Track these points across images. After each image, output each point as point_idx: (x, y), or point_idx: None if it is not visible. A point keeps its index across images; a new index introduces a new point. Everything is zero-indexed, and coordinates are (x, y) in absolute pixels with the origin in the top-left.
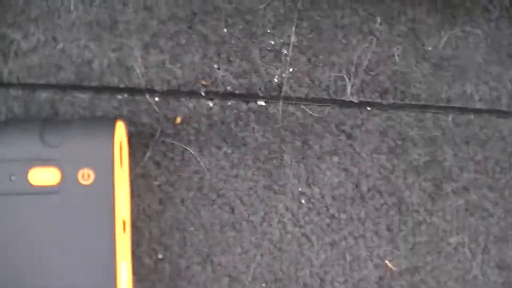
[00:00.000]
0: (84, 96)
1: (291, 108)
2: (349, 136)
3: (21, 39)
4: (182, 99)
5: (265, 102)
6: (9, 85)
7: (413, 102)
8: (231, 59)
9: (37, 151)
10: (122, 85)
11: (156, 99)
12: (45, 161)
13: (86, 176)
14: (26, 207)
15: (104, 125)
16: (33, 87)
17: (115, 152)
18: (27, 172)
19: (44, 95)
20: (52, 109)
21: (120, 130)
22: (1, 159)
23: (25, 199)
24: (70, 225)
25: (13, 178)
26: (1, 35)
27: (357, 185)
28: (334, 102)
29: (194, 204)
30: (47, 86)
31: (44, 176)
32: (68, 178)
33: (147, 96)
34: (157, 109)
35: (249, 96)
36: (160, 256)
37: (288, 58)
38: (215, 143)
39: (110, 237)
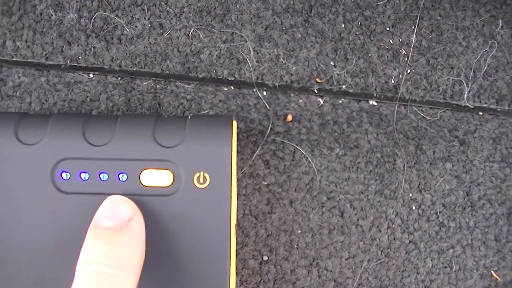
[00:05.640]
0: (188, 87)
1: (403, 110)
2: (462, 142)
3: (125, 25)
4: (292, 95)
5: (376, 102)
6: (110, 71)
7: None
8: (348, 56)
9: (151, 151)
10: (231, 78)
11: (264, 93)
12: (158, 163)
13: (202, 180)
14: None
15: (221, 127)
16: (134, 74)
17: (233, 156)
18: (139, 173)
19: (145, 84)
20: (155, 99)
21: (235, 130)
22: (114, 158)
23: (135, 201)
24: (182, 228)
25: (124, 178)
26: (104, 19)
27: (468, 193)
28: (447, 105)
29: (303, 206)
30: (151, 75)
31: (157, 178)
32: (183, 181)
33: (257, 91)
34: (267, 105)
35: (363, 96)
36: (265, 258)
37: (407, 59)
38: (327, 144)
39: (225, 243)
